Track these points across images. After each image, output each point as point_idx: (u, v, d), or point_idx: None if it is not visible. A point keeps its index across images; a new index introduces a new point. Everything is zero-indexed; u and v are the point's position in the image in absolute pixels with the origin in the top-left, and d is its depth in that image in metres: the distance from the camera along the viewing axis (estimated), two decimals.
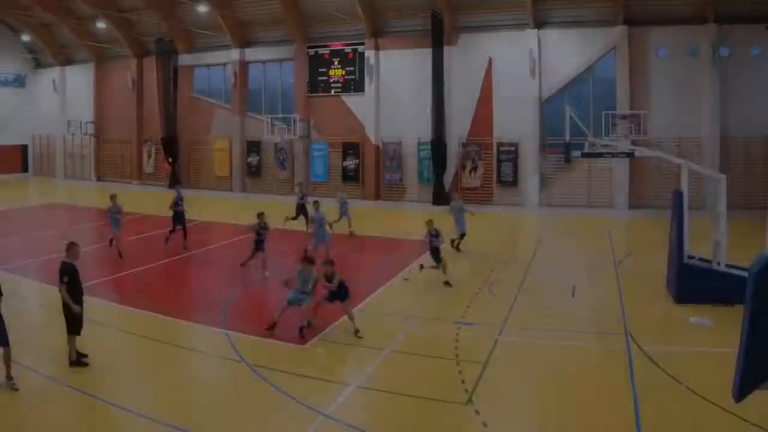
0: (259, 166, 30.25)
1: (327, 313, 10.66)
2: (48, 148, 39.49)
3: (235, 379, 8.72)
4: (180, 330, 10.66)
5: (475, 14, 24.72)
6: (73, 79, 37.53)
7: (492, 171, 24.84)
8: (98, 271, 14.48)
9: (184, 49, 32.05)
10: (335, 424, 7.25)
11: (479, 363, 8.86)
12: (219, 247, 17.80)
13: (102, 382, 8.33)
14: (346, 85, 27.68)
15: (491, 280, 13.46)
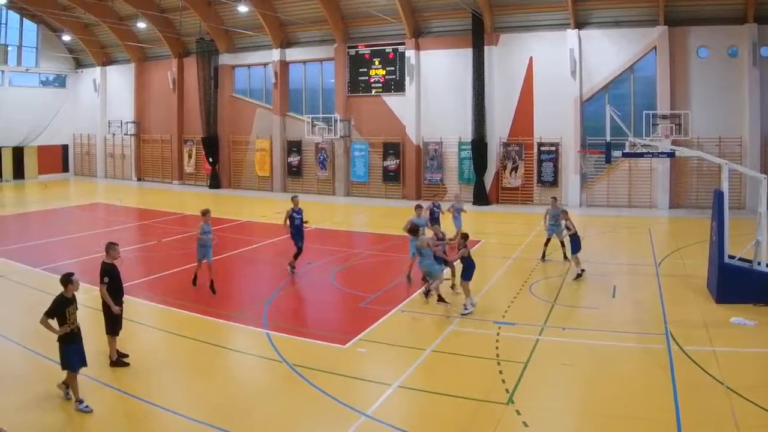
0: (300, 166, 33.63)
1: (369, 312, 12.60)
2: (89, 148, 43.76)
3: (275, 379, 9.77)
4: (221, 330, 12.07)
5: (516, 14, 27.36)
6: (114, 79, 41.92)
7: (532, 171, 27.33)
8: (139, 271, 16.66)
9: (225, 49, 35.59)
10: (376, 424, 8.06)
11: (520, 363, 9.89)
12: (261, 247, 20.00)
13: (143, 382, 9.25)
14: (387, 85, 30.63)
15: (532, 280, 15.19)
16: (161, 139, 39.42)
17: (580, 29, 26.18)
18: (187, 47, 37.49)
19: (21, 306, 13.42)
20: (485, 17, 27.48)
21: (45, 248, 19.83)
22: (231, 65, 35.95)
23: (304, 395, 9.00)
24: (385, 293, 14.29)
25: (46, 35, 42.34)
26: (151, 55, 39.74)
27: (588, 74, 26.22)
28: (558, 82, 26.49)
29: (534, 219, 23.67)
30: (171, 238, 21.01)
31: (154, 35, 37.39)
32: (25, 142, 41.55)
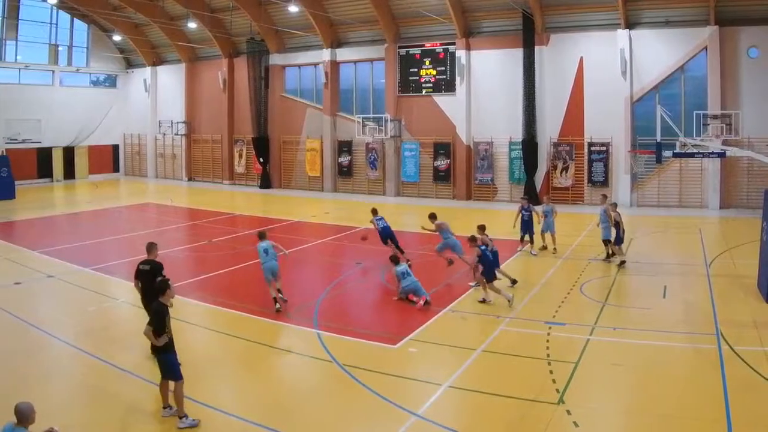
0: (351, 166, 37.83)
1: (419, 312, 14.34)
2: (139, 148, 49.46)
3: (326, 379, 10.99)
4: (271, 330, 13.67)
5: (566, 14, 30.77)
6: (165, 79, 47.50)
7: (583, 171, 30.54)
8: (190, 271, 18.99)
9: (276, 49, 40.15)
10: (427, 424, 9.06)
11: (570, 363, 11.06)
12: (311, 247, 22.48)
13: (193, 382, 10.16)
14: (437, 85, 34.39)
15: (583, 280, 16.94)
16: (212, 139, 44.51)
17: (631, 29, 29.34)
18: (238, 47, 42.29)
19: (71, 306, 15.55)
20: (536, 17, 30.85)
21: (96, 248, 22.74)
22: (281, 65, 40.56)
23: (355, 395, 10.17)
24: (435, 293, 15.96)
25: (96, 35, 47.77)
26: (202, 55, 44.81)
27: (638, 74, 29.32)
28: (608, 82, 29.71)
29: (584, 219, 26.76)
30: (221, 238, 23.94)
31: (204, 35, 42.22)
32: (76, 142, 47.31)
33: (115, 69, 49.44)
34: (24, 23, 44.05)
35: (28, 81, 44.97)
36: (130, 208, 33.47)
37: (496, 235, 22.30)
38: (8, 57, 43.63)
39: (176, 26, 43.10)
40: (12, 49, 43.92)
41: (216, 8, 40.40)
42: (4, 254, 21.46)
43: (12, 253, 21.48)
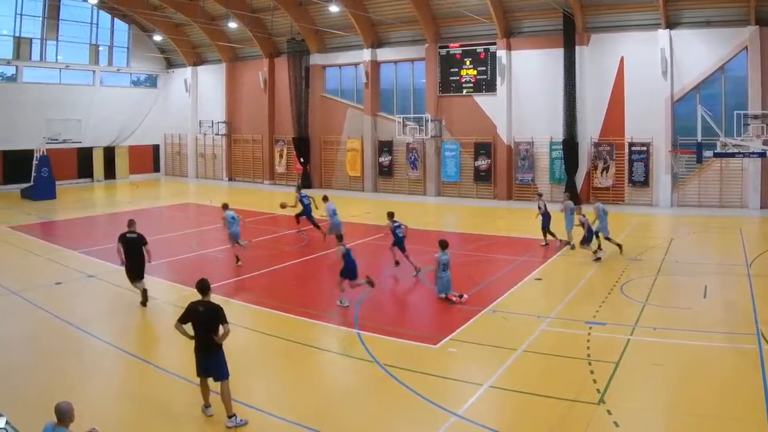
0: (391, 166, 40.78)
1: (460, 312, 15.51)
2: (179, 148, 53.48)
3: (366, 379, 11.86)
4: (312, 329, 14.77)
5: (607, 14, 33.20)
6: (205, 79, 51.53)
7: (623, 171, 32.86)
8: (230, 271, 20.45)
9: (316, 49, 43.45)
10: (467, 424, 9.74)
11: (611, 363, 11.89)
12: (352, 247, 23.57)
13: (234, 382, 10.75)
14: (478, 85, 37.10)
15: (623, 281, 18.17)
16: (252, 139, 48.22)
17: (672, 29, 31.66)
18: (278, 47, 45.80)
19: (112, 306, 16.83)
20: (576, 17, 33.30)
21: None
22: (322, 65, 43.89)
23: (395, 395, 10.99)
24: (475, 293, 17.26)
25: (137, 35, 51.64)
26: (242, 55, 48.44)
27: (679, 74, 31.60)
28: (649, 82, 32.07)
29: (625, 219, 29.05)
30: (261, 238, 25.77)
31: (245, 35, 45.73)
32: (116, 142, 51.44)
33: (155, 69, 53.46)
34: (64, 23, 47.87)
35: (68, 81, 48.83)
36: (170, 208, 36.21)
37: (538, 235, 24.76)
38: (49, 57, 47.45)
39: (217, 26, 46.67)
40: (53, 49, 47.76)
41: (256, 8, 43.80)
42: (45, 254, 23.32)
43: (53, 253, 23.26)
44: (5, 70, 45.83)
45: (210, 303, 10.62)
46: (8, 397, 10.93)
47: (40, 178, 39.98)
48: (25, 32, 45.83)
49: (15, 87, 45.39)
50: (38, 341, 14.17)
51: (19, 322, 15.74)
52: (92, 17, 49.39)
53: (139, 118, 52.10)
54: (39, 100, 45.31)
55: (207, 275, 16.59)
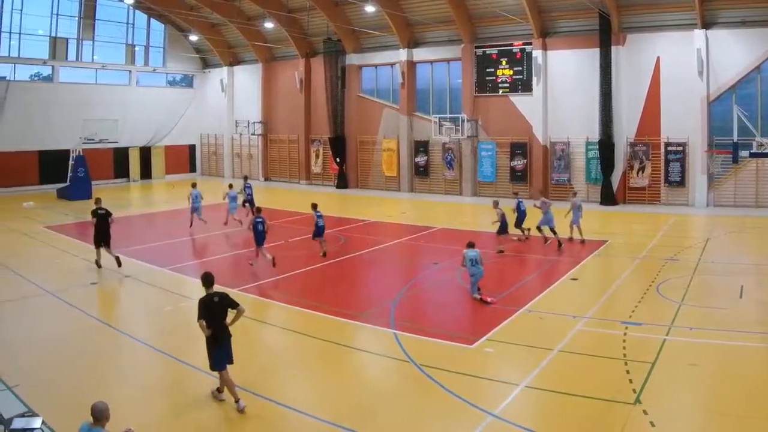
0: (427, 166, 43.15)
1: (496, 312, 16.35)
2: (216, 148, 56.73)
3: (402, 379, 12.53)
4: (348, 329, 15.55)
5: (643, 14, 35.16)
6: (241, 79, 54.73)
7: (659, 171, 34.76)
8: (267, 271, 21.44)
9: (352, 49, 46.07)
10: (503, 424, 10.31)
11: (647, 363, 12.46)
12: (387, 247, 25.66)
13: (271, 382, 11.73)
14: (514, 85, 39.27)
15: (659, 281, 19.07)
16: (288, 139, 51.23)
17: (707, 29, 33.56)
18: (315, 47, 48.72)
19: (148, 306, 17.76)
20: (612, 17, 35.31)
21: (172, 248, 26.25)
22: (358, 65, 46.62)
23: (431, 395, 11.62)
24: (512, 293, 18.40)
25: (173, 35, 54.78)
26: (279, 55, 51.51)
27: (715, 74, 33.45)
28: (685, 83, 33.99)
29: (661, 219, 30.92)
30: (298, 238, 27.26)
31: (281, 35, 48.63)
32: (153, 142, 54.67)
33: (191, 69, 56.72)
34: (100, 23, 51.22)
35: (104, 81, 52.15)
36: (206, 208, 37.25)
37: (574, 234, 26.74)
38: (85, 57, 50.81)
39: (253, 26, 49.60)
40: (89, 49, 51.14)
41: (293, 8, 46.55)
42: (81, 254, 24.71)
43: (89, 253, 24.13)
44: (42, 70, 48.97)
45: (219, 293, 11.75)
46: (44, 397, 11.63)
47: (76, 178, 42.47)
48: (61, 32, 48.89)
49: (51, 87, 48.42)
50: (74, 341, 15.06)
51: (55, 322, 16.66)
52: (128, 17, 52.65)
53: (175, 118, 55.37)
54: (75, 100, 48.26)
55: (242, 276, 20.17)
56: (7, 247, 26.35)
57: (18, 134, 45.77)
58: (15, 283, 20.60)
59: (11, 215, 34.41)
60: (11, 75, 46.70)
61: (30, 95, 46.88)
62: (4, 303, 18.40)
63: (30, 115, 46.35)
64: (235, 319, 11.57)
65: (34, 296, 18.93)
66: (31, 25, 47.26)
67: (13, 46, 46.40)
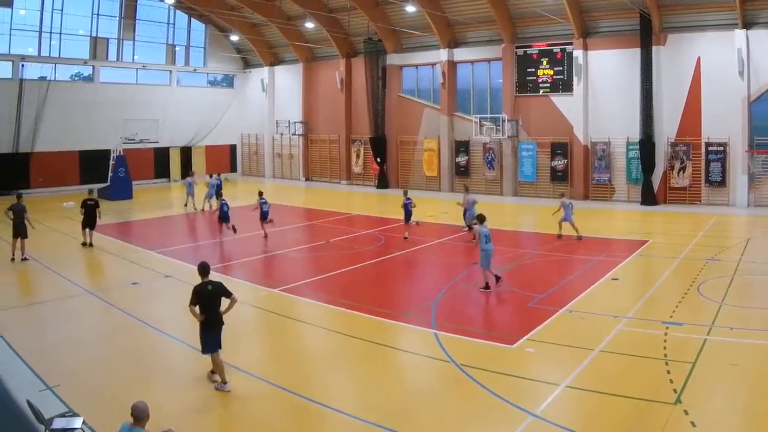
0: (468, 165, 45.63)
1: (537, 312, 17.07)
2: (256, 148, 60.15)
3: (443, 379, 13.13)
4: (389, 330, 16.28)
5: (684, 14, 37.14)
6: (282, 79, 58.02)
7: (700, 171, 36.67)
8: (308, 271, 23.01)
9: (393, 49, 48.85)
10: (544, 424, 10.80)
11: (688, 363, 12.96)
12: (428, 247, 26.71)
13: (312, 382, 12.28)
14: (555, 85, 41.49)
15: (700, 281, 19.82)
16: (329, 139, 54.19)
17: (748, 29, 35.50)
18: (355, 47, 51.63)
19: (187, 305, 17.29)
20: (653, 17, 37.32)
21: (212, 248, 27.63)
22: (399, 65, 49.43)
23: (472, 395, 12.12)
24: (552, 293, 19.06)
25: (213, 35, 57.90)
26: (319, 55, 54.58)
27: (756, 74, 35.34)
28: (726, 82, 35.94)
29: (702, 219, 32.44)
30: (339, 238, 28.75)
31: (322, 35, 51.58)
32: (193, 142, 57.65)
33: (232, 69, 60.08)
34: (141, 23, 54.28)
35: (145, 81, 55.22)
36: (247, 208, 38.41)
37: (614, 234, 29.20)
38: (126, 57, 53.95)
39: (294, 26, 52.56)
40: (129, 49, 54.25)
41: (333, 8, 49.33)
42: (122, 254, 26.10)
43: (130, 254, 25.86)
44: (82, 70, 52.12)
45: (213, 281, 12.85)
46: (85, 397, 12.15)
47: (117, 178, 44.73)
48: (102, 32, 51.85)
49: (92, 87, 51.51)
50: (115, 341, 15.77)
51: (96, 321, 17.62)
52: (169, 17, 55.72)
53: (216, 118, 58.55)
54: (116, 100, 51.30)
55: (283, 275, 21.56)
56: (48, 248, 27.50)
57: (58, 134, 48.32)
58: (56, 283, 21.76)
59: (52, 215, 35.66)
60: (52, 75, 49.34)
61: (71, 95, 49.64)
62: (45, 303, 19.58)
63: (70, 115, 48.95)
64: (229, 308, 12.75)
65: (74, 296, 19.93)
66: (72, 26, 50.05)
67: (54, 46, 49.17)
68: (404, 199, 29.20)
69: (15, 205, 25.20)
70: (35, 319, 17.93)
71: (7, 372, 13.26)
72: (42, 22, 48.13)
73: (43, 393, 12.20)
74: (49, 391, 12.34)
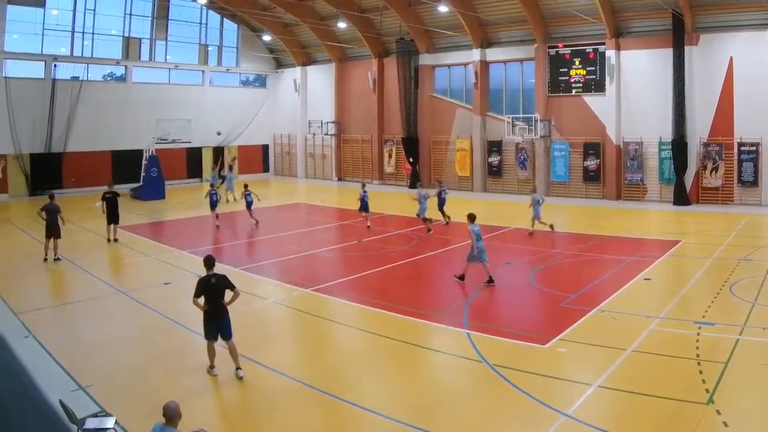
0: (500, 165, 47.49)
1: (569, 312, 17.55)
2: (289, 148, 62.46)
3: (475, 379, 13.58)
4: (421, 329, 16.88)
5: (716, 14, 38.59)
6: (314, 79, 60.26)
7: (733, 171, 37.97)
8: (339, 270, 23.82)
9: (425, 49, 50.85)
10: (576, 424, 11.10)
11: (720, 363, 13.30)
12: (461, 247, 26.35)
13: (344, 382, 12.69)
14: (587, 85, 43.11)
15: (733, 281, 20.27)
16: (361, 139, 56.28)
17: None
18: (387, 47, 53.67)
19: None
20: (685, 17, 38.80)
21: (245, 248, 28.94)
22: (431, 65, 51.37)
23: (504, 395, 12.49)
24: (584, 293, 19.58)
25: (246, 35, 60.09)
26: (352, 54, 56.81)
27: None
28: (758, 82, 37.37)
29: (734, 219, 33.56)
30: (371, 238, 29.71)
31: (354, 35, 53.67)
32: (226, 142, 59.50)
33: (264, 69, 62.54)
34: (174, 23, 56.43)
35: (177, 81, 57.45)
36: (279, 208, 41.40)
37: (647, 235, 30.13)
38: (158, 57, 56.10)
39: (326, 26, 54.71)
40: (162, 49, 56.38)
41: (366, 8, 51.37)
42: (155, 254, 26.86)
43: (162, 254, 26.62)
44: (115, 70, 54.26)
45: (218, 274, 13.85)
46: (117, 397, 12.54)
47: (150, 178, 46.46)
48: (135, 32, 53.93)
49: (124, 87, 53.67)
50: (147, 341, 16.29)
51: (128, 321, 18.11)
52: (201, 17, 57.79)
53: (249, 118, 60.85)
54: (148, 100, 53.38)
55: (317, 275, 22.39)
56: (81, 247, 28.37)
57: (91, 134, 50.12)
58: (88, 282, 22.46)
59: (85, 215, 36.53)
60: (84, 75, 50.99)
61: (103, 95, 51.53)
62: (77, 303, 20.28)
63: (103, 115, 50.75)
64: (233, 300, 13.78)
65: (107, 296, 20.59)
66: (105, 26, 52.03)
67: (87, 46, 51.21)
68: (361, 192, 32.25)
69: (48, 205, 26.03)
70: (68, 319, 18.72)
71: (40, 372, 13.29)
72: (74, 22, 50.03)
73: (76, 393, 12.63)
74: (82, 391, 12.78)
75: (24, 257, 26.61)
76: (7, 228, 34.58)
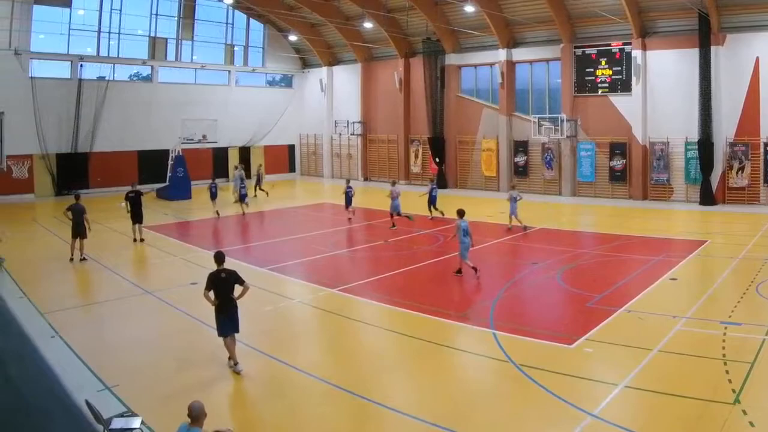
0: (526, 165, 48.86)
1: (595, 312, 18.02)
2: (315, 148, 64.32)
3: (501, 379, 13.99)
4: (447, 329, 17.27)
5: (742, 14, 39.73)
6: (340, 79, 61.98)
7: (759, 171, 39.03)
8: (365, 270, 24.43)
9: (451, 49, 52.45)
10: (603, 424, 11.43)
11: (746, 363, 13.57)
12: (486, 247, 27.71)
13: (369, 382, 13.01)
14: (613, 85, 44.33)
15: (759, 281, 20.50)
16: (387, 139, 57.90)
17: None
18: (414, 47, 55.30)
19: (247, 306, 17.57)
20: (712, 17, 39.97)
21: (272, 248, 29.17)
22: (457, 65, 52.90)
23: (531, 395, 12.83)
24: (611, 293, 20.00)
25: (272, 35, 62.02)
26: (378, 54, 58.61)
27: None
28: None
29: (760, 219, 34.16)
30: (397, 239, 30.52)
31: (380, 35, 55.35)
32: (252, 142, 61.56)
33: (290, 69, 64.49)
34: (200, 23, 58.31)
35: (204, 81, 59.29)
36: (306, 208, 42.31)
37: (673, 235, 30.81)
38: (184, 57, 58.04)
39: (352, 26, 56.42)
40: (188, 49, 58.35)
41: (392, 8, 52.94)
42: (181, 254, 27.53)
43: (188, 254, 27.24)
44: (141, 70, 56.14)
45: (227, 269, 14.43)
46: (143, 398, 12.90)
47: (176, 178, 47.60)
48: (161, 32, 55.80)
49: (150, 87, 55.57)
50: (173, 341, 16.73)
51: (154, 321, 18.65)
52: (227, 17, 59.61)
53: (275, 118, 62.67)
54: (174, 100, 55.27)
55: (342, 275, 23.23)
56: (106, 248, 28.91)
57: (117, 134, 51.81)
58: (114, 282, 23.11)
59: (111, 215, 37.24)
60: (111, 75, 52.89)
61: (129, 95, 53.41)
62: (103, 303, 20.91)
63: (129, 115, 52.56)
64: (242, 294, 14.37)
65: (133, 296, 21.14)
66: (131, 26, 53.83)
67: (113, 46, 53.00)
68: (346, 188, 35.51)
69: (74, 206, 26.74)
70: (94, 319, 19.29)
71: (66, 372, 13.95)
72: (101, 22, 51.80)
73: (102, 393, 12.95)
74: (108, 391, 13.10)
75: (50, 258, 27.43)
76: (34, 228, 35.58)
